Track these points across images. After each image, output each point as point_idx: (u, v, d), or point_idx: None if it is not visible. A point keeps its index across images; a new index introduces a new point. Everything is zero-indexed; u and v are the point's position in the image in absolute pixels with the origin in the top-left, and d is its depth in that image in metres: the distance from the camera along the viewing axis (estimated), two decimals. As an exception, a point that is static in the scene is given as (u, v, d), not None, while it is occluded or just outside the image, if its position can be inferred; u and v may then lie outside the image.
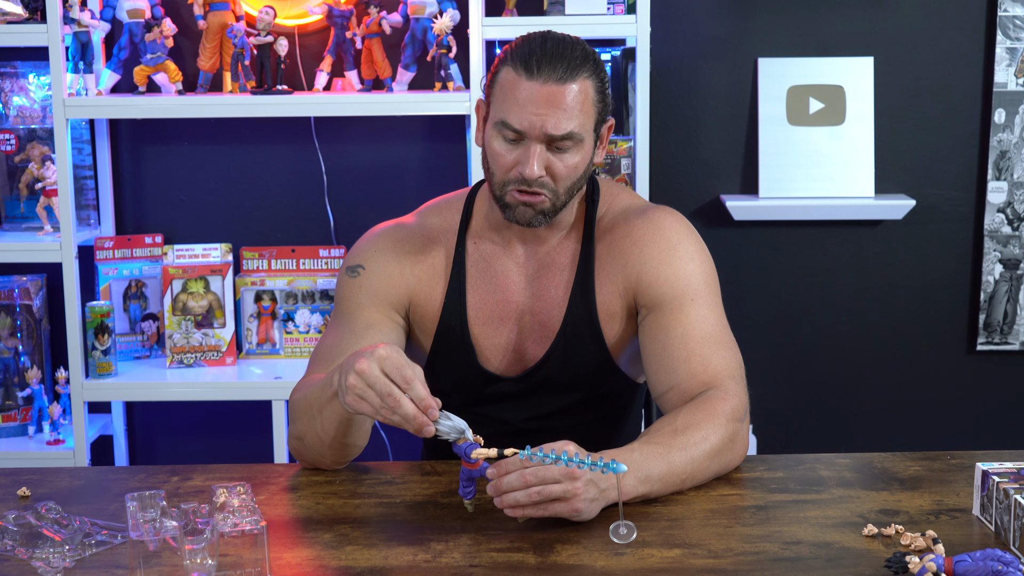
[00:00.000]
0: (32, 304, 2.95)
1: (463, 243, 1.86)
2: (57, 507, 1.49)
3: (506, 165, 1.72)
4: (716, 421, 1.64)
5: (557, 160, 1.71)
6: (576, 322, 1.81)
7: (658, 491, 1.58)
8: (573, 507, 1.47)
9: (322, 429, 1.65)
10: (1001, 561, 1.29)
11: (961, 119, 3.08)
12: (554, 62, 1.69)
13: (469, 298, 1.84)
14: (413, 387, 1.48)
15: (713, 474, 1.65)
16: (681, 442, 1.60)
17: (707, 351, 1.73)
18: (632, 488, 1.54)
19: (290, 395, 1.78)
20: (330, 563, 1.41)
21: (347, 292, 1.85)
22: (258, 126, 3.07)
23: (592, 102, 1.72)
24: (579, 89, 1.70)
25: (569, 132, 1.69)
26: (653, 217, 1.83)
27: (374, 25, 2.91)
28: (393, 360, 1.49)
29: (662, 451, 1.59)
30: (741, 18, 3.05)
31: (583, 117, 1.70)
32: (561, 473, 1.46)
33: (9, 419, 2.94)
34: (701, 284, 1.78)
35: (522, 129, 1.69)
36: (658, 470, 1.57)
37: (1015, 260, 3.10)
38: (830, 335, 3.16)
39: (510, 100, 1.70)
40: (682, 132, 3.09)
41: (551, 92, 1.68)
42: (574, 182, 1.74)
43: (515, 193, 1.73)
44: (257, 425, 3.07)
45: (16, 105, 3.05)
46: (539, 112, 1.68)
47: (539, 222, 1.75)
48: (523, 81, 1.69)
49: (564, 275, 1.83)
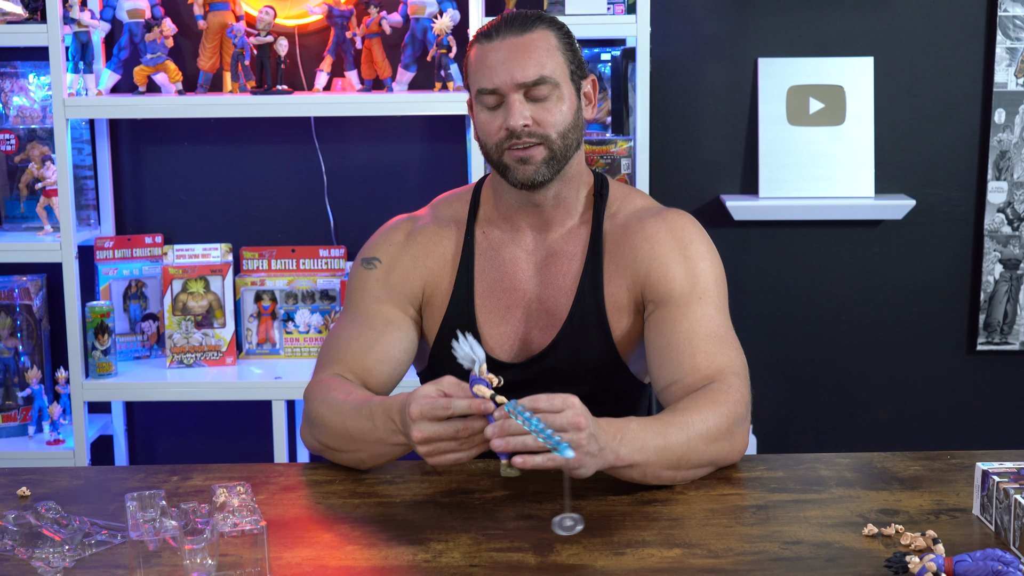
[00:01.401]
0: (32, 304, 2.95)
1: (472, 232, 1.87)
2: (57, 507, 1.49)
3: (494, 130, 1.77)
4: (717, 408, 1.65)
5: (540, 109, 1.76)
6: (583, 312, 1.82)
7: (652, 464, 1.57)
8: (578, 460, 1.47)
9: (370, 457, 1.67)
10: (1001, 561, 1.29)
11: (961, 119, 3.08)
12: (510, 22, 1.79)
13: (477, 285, 1.85)
14: (457, 407, 1.48)
15: (709, 460, 1.64)
16: (680, 421, 1.61)
17: (712, 348, 1.73)
18: (627, 456, 1.54)
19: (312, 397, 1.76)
20: (330, 563, 1.41)
21: (363, 284, 1.87)
22: (258, 126, 3.07)
23: (556, 48, 1.78)
24: (539, 36, 1.77)
25: (540, 76, 1.74)
26: (668, 217, 1.85)
27: (374, 25, 2.91)
28: (429, 403, 1.49)
29: (660, 427, 1.59)
30: (741, 18, 3.05)
31: (551, 62, 1.76)
32: (568, 422, 1.45)
33: (9, 419, 2.94)
34: (711, 284, 1.79)
35: (495, 86, 1.75)
36: (654, 443, 1.57)
37: (1015, 260, 3.10)
38: (830, 335, 3.16)
39: (480, 68, 1.78)
40: (682, 132, 3.09)
41: (511, 44, 1.75)
42: (565, 128, 1.77)
43: (510, 152, 1.76)
44: (257, 425, 3.07)
45: (16, 105, 3.05)
46: (505, 65, 1.74)
47: (542, 175, 1.77)
48: (485, 47, 1.77)
49: (573, 264, 1.84)
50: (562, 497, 1.44)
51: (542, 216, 1.84)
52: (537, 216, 1.84)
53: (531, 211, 1.84)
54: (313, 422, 1.74)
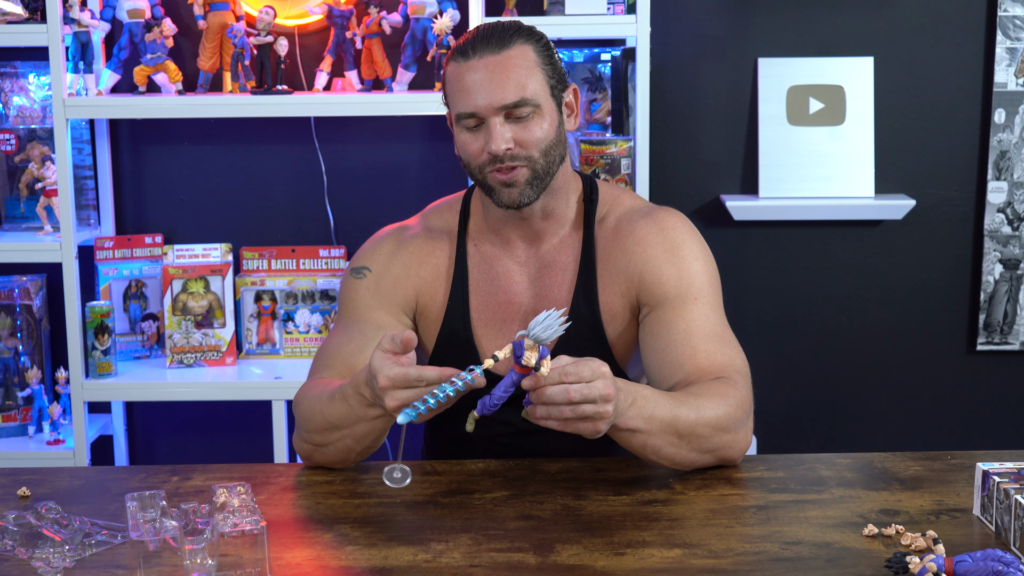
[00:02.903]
0: (32, 304, 2.95)
1: (464, 245, 1.85)
2: (57, 507, 1.49)
3: (475, 152, 1.74)
4: (727, 400, 1.65)
5: (521, 130, 1.72)
6: (579, 323, 1.81)
7: (656, 434, 1.58)
8: (596, 427, 1.48)
9: (354, 441, 1.65)
10: (1001, 561, 1.29)
11: (961, 119, 3.08)
12: (487, 38, 1.72)
13: (472, 300, 1.84)
14: (427, 377, 1.48)
15: (712, 448, 1.64)
16: (693, 403, 1.62)
17: (712, 347, 1.73)
18: (632, 419, 1.55)
19: (298, 399, 1.76)
20: (330, 563, 1.41)
21: (354, 294, 1.84)
22: (258, 126, 3.07)
23: (536, 64, 1.73)
24: (517, 53, 1.71)
25: (520, 99, 1.70)
26: (657, 218, 1.83)
27: (374, 25, 2.91)
28: (400, 373, 1.48)
29: (672, 403, 1.60)
30: (741, 18, 3.05)
31: (531, 81, 1.71)
32: (599, 395, 1.46)
33: (9, 419, 2.94)
34: (705, 284, 1.78)
35: (474, 111, 1.71)
36: (662, 414, 1.57)
37: (1015, 260, 3.10)
38: (830, 335, 3.16)
39: (458, 90, 1.73)
40: (682, 132, 3.09)
41: (488, 64, 1.70)
42: (548, 147, 1.74)
43: (494, 174, 1.73)
44: (257, 425, 3.07)
45: (16, 105, 3.05)
46: (484, 88, 1.69)
47: (527, 197, 1.74)
48: (462, 66, 1.72)
49: (567, 275, 1.83)
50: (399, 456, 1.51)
51: (532, 228, 1.83)
52: (527, 229, 1.83)
53: (520, 224, 1.82)
54: (299, 422, 1.75)
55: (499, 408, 1.49)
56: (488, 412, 1.47)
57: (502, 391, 1.47)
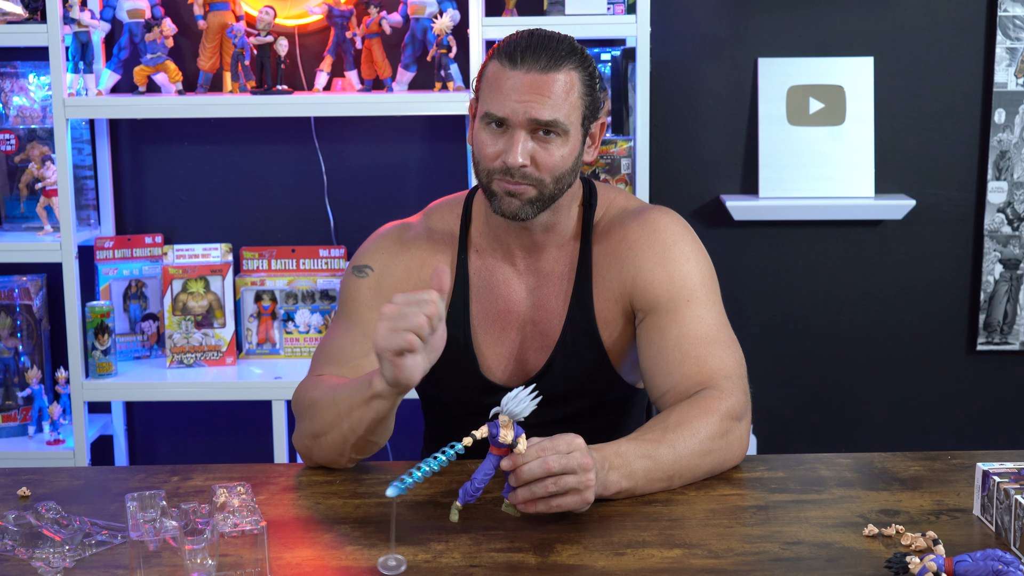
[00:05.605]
0: (32, 304, 2.95)
1: (465, 251, 1.85)
2: (57, 507, 1.49)
3: (491, 155, 1.71)
4: (708, 418, 1.64)
5: (542, 150, 1.70)
6: (575, 331, 1.81)
7: (643, 487, 1.58)
8: (584, 498, 1.48)
9: (350, 429, 1.63)
10: (1002, 561, 1.29)
11: (961, 119, 3.08)
12: (538, 52, 1.69)
13: (472, 308, 1.83)
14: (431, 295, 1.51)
15: (706, 472, 1.64)
16: (670, 439, 1.60)
17: (702, 352, 1.72)
18: (615, 483, 1.55)
19: (297, 395, 1.76)
20: (330, 563, 1.41)
21: (355, 292, 1.83)
22: (258, 126, 3.07)
23: (578, 94, 1.71)
24: (564, 79, 1.69)
25: (553, 120, 1.68)
26: (648, 219, 1.82)
27: (374, 25, 2.91)
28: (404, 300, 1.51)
29: (648, 448, 1.59)
30: (741, 18, 3.05)
31: (568, 108, 1.69)
32: (578, 464, 1.46)
33: (9, 419, 2.94)
34: (697, 284, 1.78)
35: (504, 116, 1.68)
36: (642, 466, 1.57)
37: (1015, 260, 3.10)
38: (830, 335, 3.16)
39: (495, 91, 1.70)
40: (682, 132, 3.09)
41: (534, 80, 1.68)
42: (561, 175, 1.72)
43: (500, 182, 1.71)
44: (257, 425, 3.07)
45: (16, 105, 3.05)
46: (522, 99, 1.68)
47: (526, 214, 1.73)
48: (507, 71, 1.69)
49: (563, 284, 1.82)
50: None
51: (532, 240, 1.81)
52: (527, 239, 1.81)
53: (520, 234, 1.81)
54: (299, 416, 1.73)
55: (481, 493, 1.48)
56: (471, 500, 1.48)
57: (482, 475, 1.47)
